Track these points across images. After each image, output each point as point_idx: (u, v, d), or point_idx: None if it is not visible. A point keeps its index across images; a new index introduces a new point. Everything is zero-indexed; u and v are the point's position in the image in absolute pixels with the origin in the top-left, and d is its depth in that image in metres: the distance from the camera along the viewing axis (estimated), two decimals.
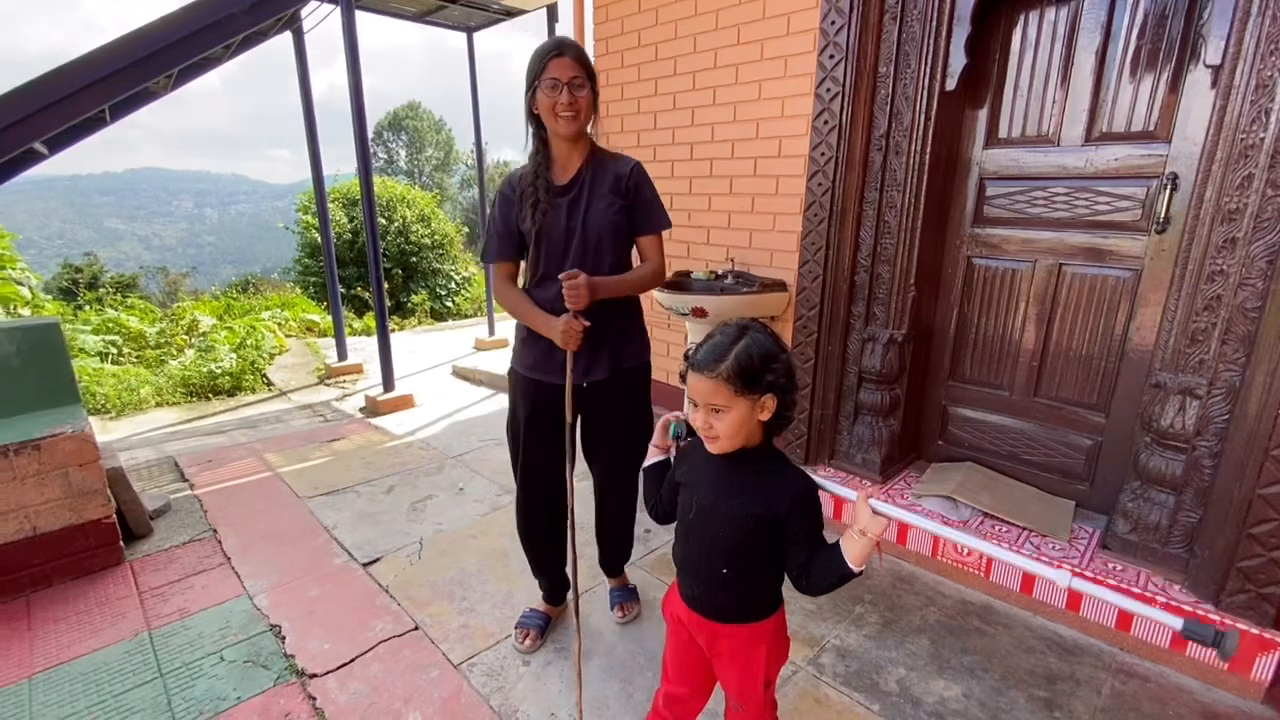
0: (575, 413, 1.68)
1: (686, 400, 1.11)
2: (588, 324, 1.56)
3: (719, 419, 1.06)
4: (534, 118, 1.65)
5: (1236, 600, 1.74)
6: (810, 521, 1.09)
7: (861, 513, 1.01)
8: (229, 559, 2.34)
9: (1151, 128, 2.03)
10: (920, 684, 1.79)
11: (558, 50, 1.55)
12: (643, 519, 2.67)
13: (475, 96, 5.96)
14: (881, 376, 2.47)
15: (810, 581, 1.09)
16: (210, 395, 4.53)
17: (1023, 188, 2.30)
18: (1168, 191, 1.99)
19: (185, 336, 5.42)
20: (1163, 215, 2.01)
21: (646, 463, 1.33)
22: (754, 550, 1.12)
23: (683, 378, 1.11)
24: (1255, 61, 1.62)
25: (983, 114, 2.35)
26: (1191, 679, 1.81)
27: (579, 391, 1.70)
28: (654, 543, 2.48)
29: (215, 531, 2.53)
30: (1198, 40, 1.87)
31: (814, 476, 1.14)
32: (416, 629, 1.98)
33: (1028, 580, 2.07)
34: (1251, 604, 1.72)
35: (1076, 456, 2.34)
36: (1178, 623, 0.91)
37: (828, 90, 2.32)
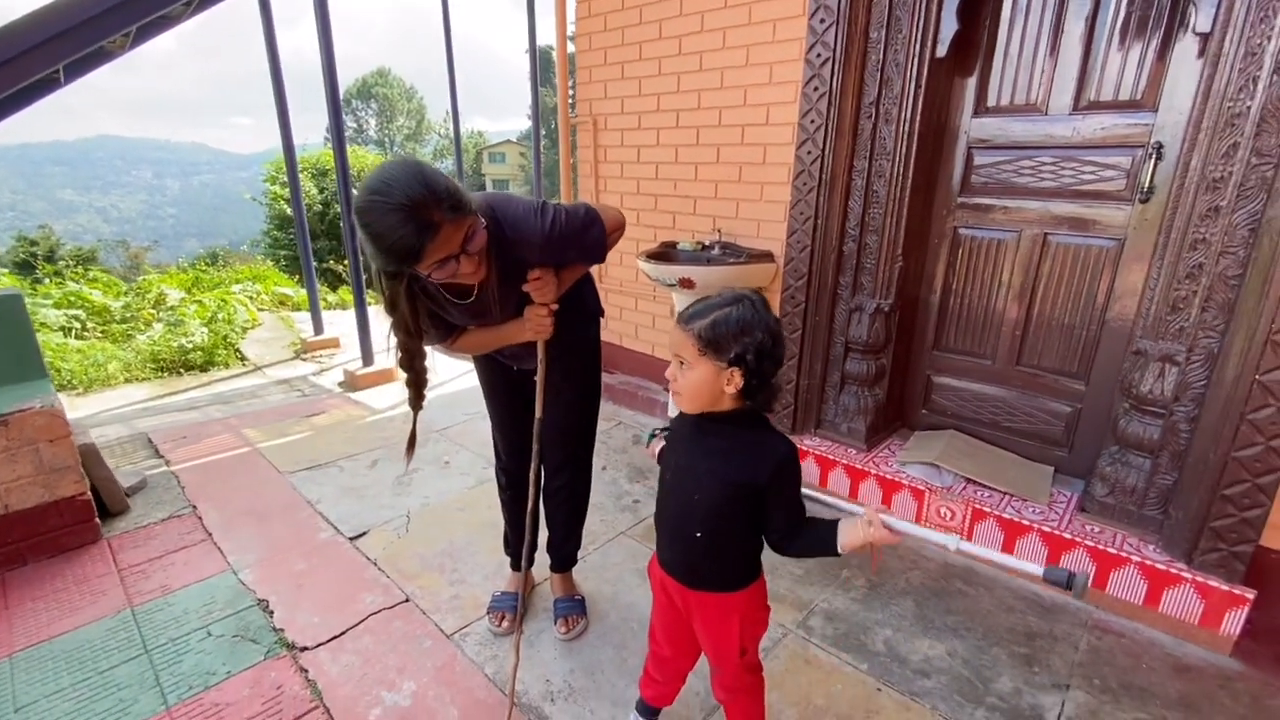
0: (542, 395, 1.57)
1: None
2: (554, 306, 1.46)
3: (682, 373, 1.07)
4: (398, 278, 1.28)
5: (1209, 559, 1.81)
6: (792, 489, 1.10)
7: (874, 521, 1.01)
8: (210, 535, 2.30)
9: (1139, 97, 2.04)
10: (906, 644, 1.84)
11: (428, 229, 1.10)
12: (632, 489, 2.69)
13: (451, 62, 5.77)
14: (868, 346, 2.49)
15: (792, 547, 1.10)
16: (182, 371, 4.40)
17: (1010, 157, 2.30)
18: (1152, 161, 2.01)
19: (152, 310, 5.24)
20: (1147, 185, 2.03)
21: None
22: (729, 515, 1.11)
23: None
24: (1245, 29, 1.63)
25: (971, 82, 2.34)
26: (1163, 634, 1.89)
27: (526, 376, 1.67)
28: (642, 512, 2.49)
29: (195, 507, 2.48)
30: (1187, 7, 1.87)
31: (815, 493, 1.15)
32: (407, 601, 1.97)
33: (1009, 543, 2.12)
34: (1223, 562, 1.79)
35: (1056, 423, 2.39)
36: (1037, 569, 0.95)
37: (818, 55, 2.29)
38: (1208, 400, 1.80)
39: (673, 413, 3.12)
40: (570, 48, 3.63)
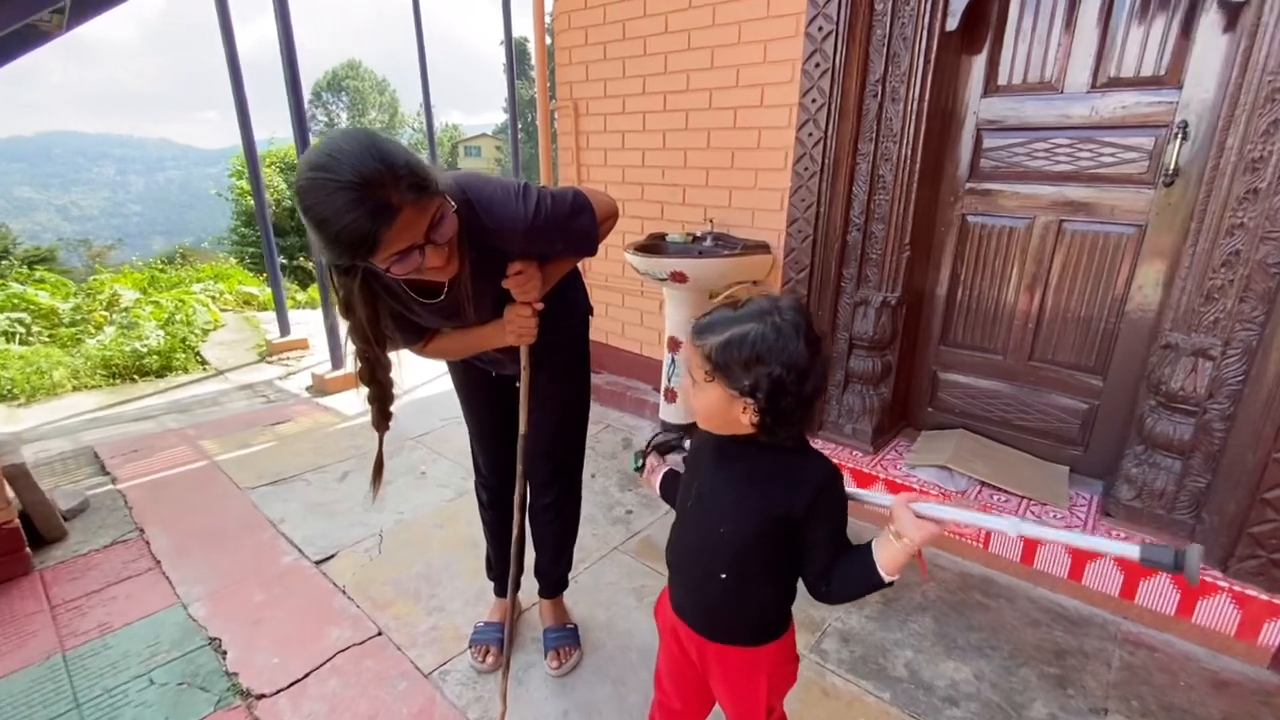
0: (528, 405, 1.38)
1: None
2: (539, 305, 1.25)
3: (694, 392, 0.90)
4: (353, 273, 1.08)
5: (1246, 566, 1.69)
6: (835, 520, 0.91)
7: (902, 518, 0.83)
8: (159, 563, 2.07)
9: (1162, 73, 1.90)
10: (929, 667, 1.69)
11: (384, 211, 0.90)
12: (624, 498, 2.52)
13: (422, 52, 5.52)
14: (873, 342, 2.34)
15: (831, 589, 0.91)
16: (136, 377, 4.11)
17: (1023, 139, 2.16)
18: (1178, 142, 1.87)
19: (105, 313, 4.92)
20: (1172, 167, 1.89)
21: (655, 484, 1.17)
22: (762, 554, 0.93)
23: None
24: None
25: (981, 59, 2.19)
26: (1197, 646, 1.77)
27: (506, 382, 1.48)
28: (636, 524, 2.32)
29: (142, 531, 2.25)
30: None
31: (847, 487, 0.94)
32: (379, 634, 1.77)
33: (1028, 551, 1.99)
34: (1261, 570, 1.67)
35: (1071, 421, 2.27)
36: (1132, 551, 0.75)
37: (819, 29, 2.12)
38: (1245, 398, 1.68)
39: (664, 415, 2.96)
40: (548, 40, 3.41)
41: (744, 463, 0.93)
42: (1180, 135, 1.87)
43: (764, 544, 0.92)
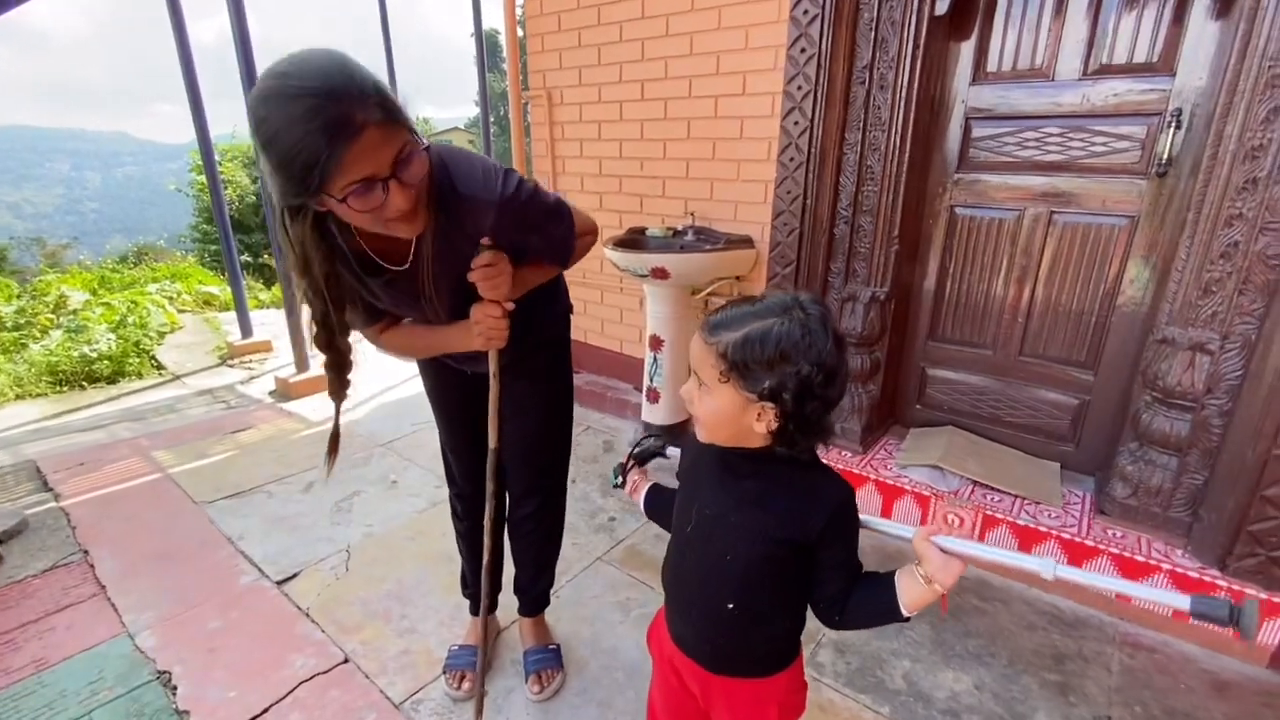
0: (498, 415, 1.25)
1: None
2: (510, 305, 1.13)
3: (701, 398, 0.81)
4: (307, 221, 0.96)
5: (1244, 565, 1.65)
6: (848, 543, 0.84)
7: (931, 560, 0.75)
8: (104, 588, 1.91)
9: (1155, 60, 1.85)
10: (928, 677, 1.63)
11: (347, 125, 0.80)
12: (606, 504, 2.41)
13: (388, 41, 5.32)
14: (862, 339, 2.26)
15: (845, 619, 0.84)
16: (85, 384, 3.87)
17: (1012, 128, 2.10)
18: (1171, 130, 1.83)
19: (51, 315, 4.65)
20: (1165, 157, 1.85)
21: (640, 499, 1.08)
22: (772, 581, 0.85)
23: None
24: None
25: (970, 45, 2.12)
26: (1195, 646, 1.73)
27: (482, 381, 1.34)
28: (620, 532, 2.22)
29: (87, 553, 2.08)
30: None
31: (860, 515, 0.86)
32: (346, 661, 1.65)
33: (1023, 549, 1.94)
34: (1261, 568, 1.63)
35: (1062, 417, 2.22)
36: (1182, 601, 0.69)
37: (805, 12, 2.03)
38: (1244, 393, 1.64)
39: (647, 416, 2.85)
40: (519, 32, 3.27)
41: (753, 481, 0.84)
42: (1174, 124, 1.82)
43: (774, 570, 0.83)
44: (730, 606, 0.85)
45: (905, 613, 0.78)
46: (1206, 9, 1.75)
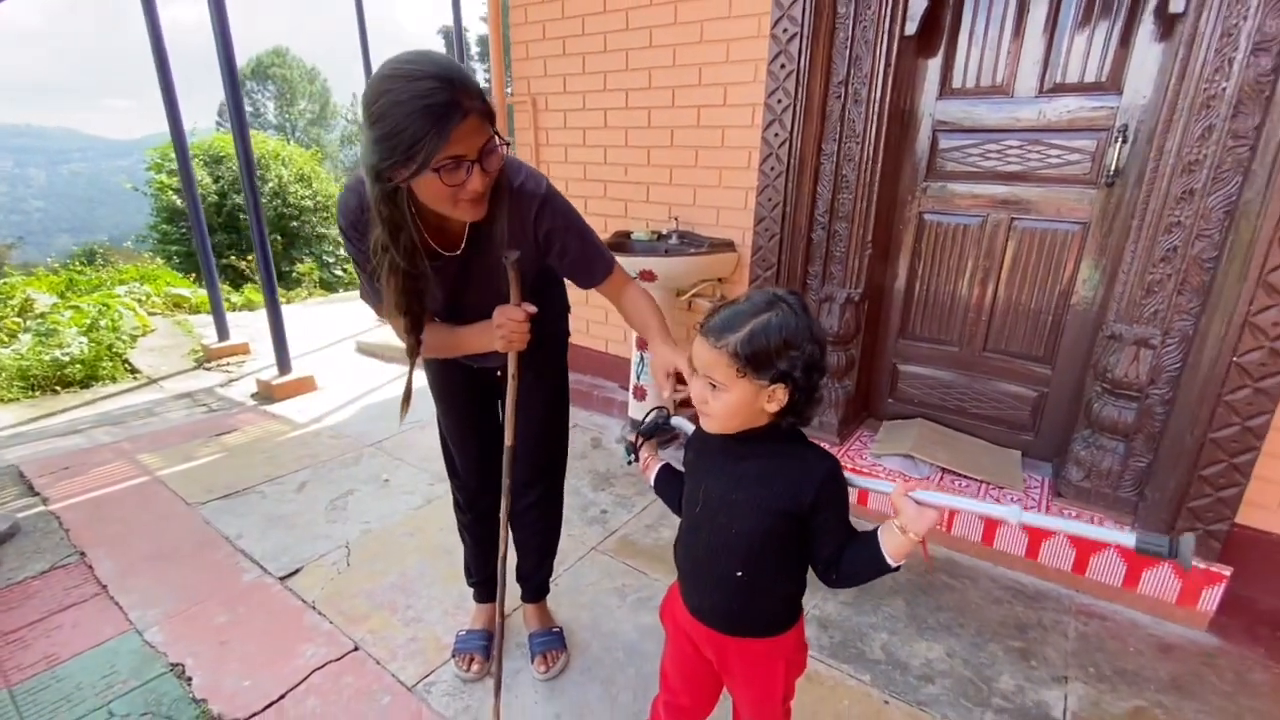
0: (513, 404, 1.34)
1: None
2: (533, 309, 1.22)
3: (715, 396, 0.91)
4: (390, 193, 1.06)
5: None
6: (839, 509, 0.95)
7: (904, 509, 0.87)
8: (105, 587, 1.93)
9: (1103, 79, 2.02)
10: (904, 647, 1.76)
11: (457, 108, 0.94)
12: (598, 498, 2.51)
13: (364, 38, 5.31)
14: (839, 337, 2.40)
15: (840, 575, 0.95)
16: (58, 388, 3.81)
17: (976, 140, 2.26)
18: (1118, 144, 2.00)
19: (18, 319, 4.53)
20: (1113, 168, 2.02)
21: (651, 477, 1.18)
22: (775, 549, 0.96)
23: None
24: (1220, 8, 1.61)
25: (936, 63, 2.27)
26: (1143, 614, 1.90)
27: (487, 375, 1.49)
28: (612, 523, 2.32)
29: (83, 554, 2.09)
30: None
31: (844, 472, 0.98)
32: (356, 649, 1.71)
33: (988, 532, 2.10)
34: (1200, 541, 1.81)
35: (1022, 408, 2.40)
36: (1128, 539, 0.80)
37: (784, 30, 2.15)
38: (1183, 383, 1.81)
39: (633, 413, 2.95)
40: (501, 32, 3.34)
41: (752, 461, 0.95)
42: (1120, 138, 2.00)
43: (777, 539, 0.95)
44: (739, 574, 0.97)
45: (891, 562, 0.90)
46: (1151, 32, 1.92)
